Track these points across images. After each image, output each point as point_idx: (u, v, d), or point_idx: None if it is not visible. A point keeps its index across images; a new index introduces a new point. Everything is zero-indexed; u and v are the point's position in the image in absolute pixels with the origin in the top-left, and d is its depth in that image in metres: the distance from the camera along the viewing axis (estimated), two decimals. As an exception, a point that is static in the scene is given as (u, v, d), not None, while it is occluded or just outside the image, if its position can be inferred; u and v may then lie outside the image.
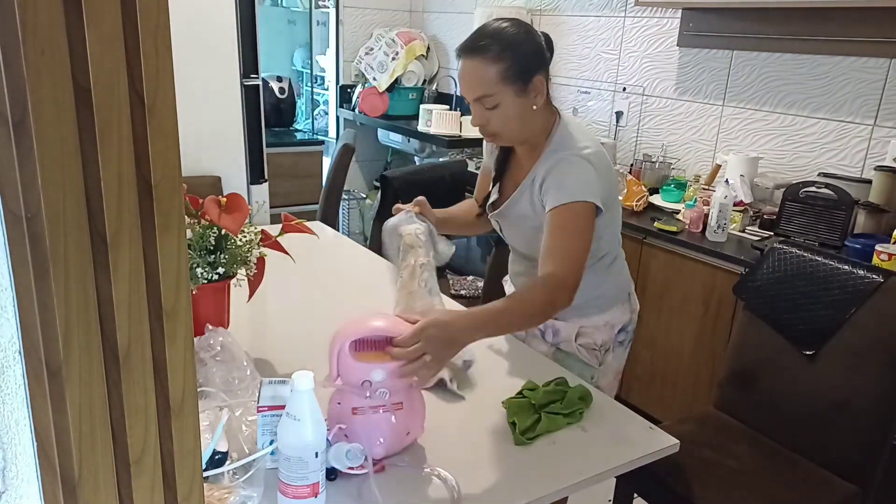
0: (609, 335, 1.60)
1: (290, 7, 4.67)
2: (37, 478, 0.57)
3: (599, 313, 1.58)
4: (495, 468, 1.14)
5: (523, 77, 1.38)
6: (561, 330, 1.60)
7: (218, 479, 1.03)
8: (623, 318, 1.61)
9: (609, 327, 1.60)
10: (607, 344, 1.60)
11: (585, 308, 1.54)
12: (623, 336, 1.63)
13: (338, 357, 1.09)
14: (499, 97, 1.38)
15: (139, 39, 0.49)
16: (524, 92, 1.39)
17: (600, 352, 1.60)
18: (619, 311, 1.61)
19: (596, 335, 1.59)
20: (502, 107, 1.39)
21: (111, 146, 0.50)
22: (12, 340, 0.53)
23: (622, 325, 1.62)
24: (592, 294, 1.51)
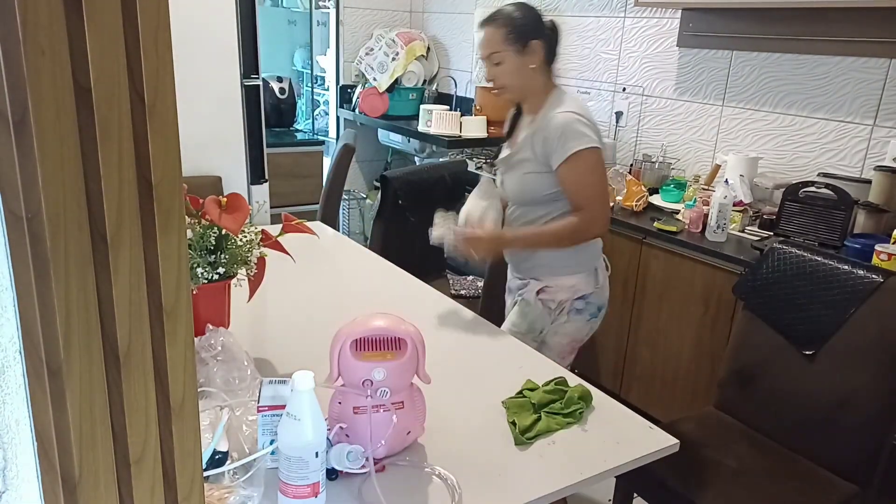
0: (568, 297, 1.85)
1: (291, 7, 4.68)
2: (37, 478, 0.57)
3: (566, 276, 1.84)
4: (495, 468, 1.14)
5: (521, 40, 1.76)
6: (530, 284, 1.87)
7: (218, 478, 1.03)
8: (586, 287, 1.85)
9: (571, 290, 1.84)
10: (564, 305, 1.85)
11: (554, 268, 1.84)
12: (581, 304, 1.86)
13: (338, 356, 1.09)
14: (502, 55, 1.77)
15: (139, 39, 0.49)
16: (523, 52, 1.77)
17: (556, 311, 1.86)
18: (584, 279, 1.84)
19: (556, 294, 1.85)
20: (505, 63, 1.78)
21: (111, 146, 0.50)
22: (12, 340, 0.53)
23: (584, 293, 1.85)
24: (561, 259, 1.82)
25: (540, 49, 1.78)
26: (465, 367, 1.49)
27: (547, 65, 1.82)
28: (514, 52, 1.76)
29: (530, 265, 1.88)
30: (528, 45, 1.77)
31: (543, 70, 1.81)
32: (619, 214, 2.69)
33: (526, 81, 1.80)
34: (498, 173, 1.95)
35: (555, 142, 1.71)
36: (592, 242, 1.85)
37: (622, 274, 2.68)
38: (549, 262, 1.83)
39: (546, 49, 1.80)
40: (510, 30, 1.76)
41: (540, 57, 1.79)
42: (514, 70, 1.78)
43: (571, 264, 1.83)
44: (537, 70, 1.79)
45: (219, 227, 1.35)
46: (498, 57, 1.77)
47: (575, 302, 1.85)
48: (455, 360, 1.51)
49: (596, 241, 1.87)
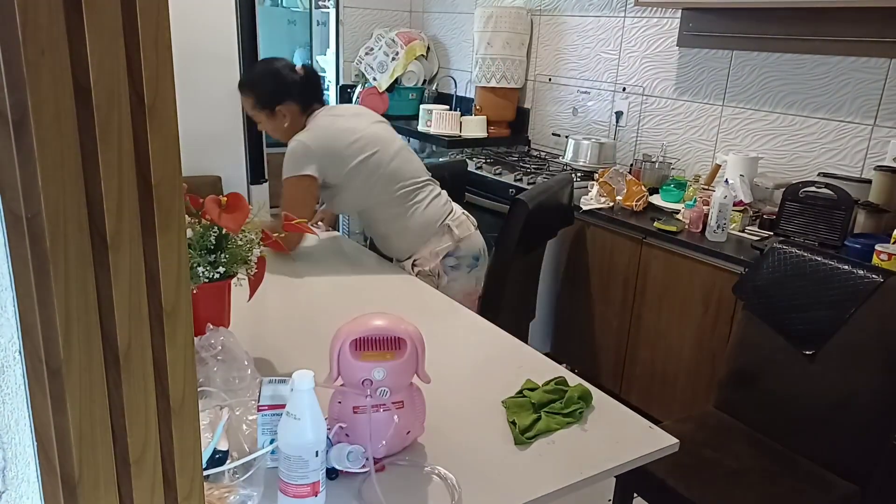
0: (434, 262, 2.08)
1: (291, 7, 4.68)
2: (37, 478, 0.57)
3: (422, 246, 2.08)
4: (495, 468, 1.14)
5: (269, 106, 2.04)
6: (404, 266, 2.11)
7: (218, 478, 1.03)
8: (444, 245, 2.08)
9: (433, 255, 2.08)
10: (436, 269, 2.09)
11: (410, 248, 2.09)
12: (453, 261, 2.10)
13: (338, 356, 1.09)
14: (257, 117, 2.07)
15: (139, 39, 0.49)
16: (273, 116, 2.05)
17: (434, 276, 2.09)
18: (438, 240, 2.08)
19: (424, 264, 2.08)
20: (263, 123, 2.09)
21: (111, 146, 0.50)
22: (12, 340, 0.53)
23: (447, 251, 2.08)
24: (406, 236, 2.07)
25: (288, 111, 2.04)
26: (464, 366, 1.49)
27: (303, 112, 2.06)
28: (266, 116, 2.05)
29: (394, 250, 2.15)
30: (275, 111, 2.04)
31: (299, 118, 2.05)
32: (619, 214, 2.69)
33: (286, 131, 2.05)
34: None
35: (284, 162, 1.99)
36: (420, 210, 2.07)
37: (622, 274, 2.68)
38: (398, 243, 2.11)
39: (298, 102, 2.04)
40: (254, 99, 2.04)
41: (291, 116, 2.04)
42: (272, 128, 2.08)
43: (413, 238, 2.08)
44: (293, 123, 2.04)
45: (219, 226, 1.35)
46: (256, 118, 2.08)
47: (444, 261, 2.09)
48: (455, 360, 1.51)
49: (427, 206, 2.08)
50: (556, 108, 3.65)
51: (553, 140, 3.68)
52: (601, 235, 2.74)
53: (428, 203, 2.09)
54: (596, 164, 3.17)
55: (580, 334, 2.91)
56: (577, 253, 2.86)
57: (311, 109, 2.07)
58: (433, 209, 2.09)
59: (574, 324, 2.94)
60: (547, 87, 3.69)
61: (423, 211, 2.08)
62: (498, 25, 3.59)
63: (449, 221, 2.10)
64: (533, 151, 3.72)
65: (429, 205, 2.09)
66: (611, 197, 2.79)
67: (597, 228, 2.76)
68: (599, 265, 2.77)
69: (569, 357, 2.99)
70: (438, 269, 2.09)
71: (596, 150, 3.19)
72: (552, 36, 3.61)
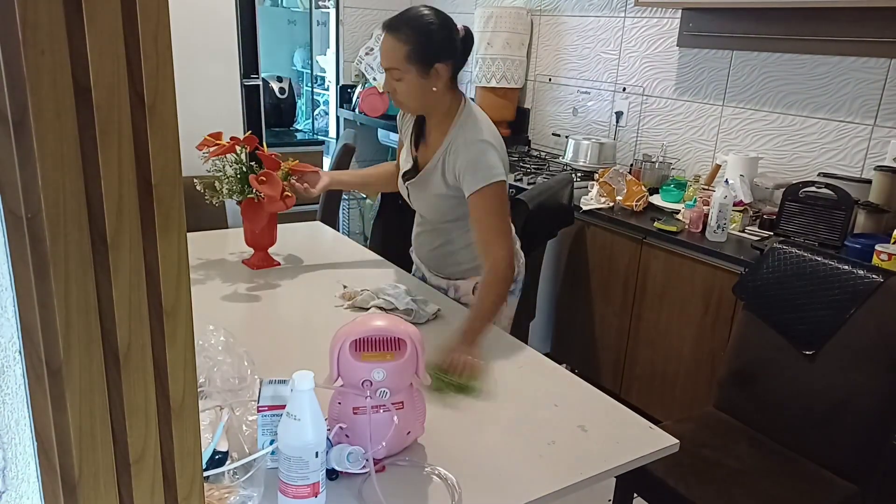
0: None
1: (291, 7, 4.68)
2: (37, 478, 0.57)
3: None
4: (495, 468, 1.14)
5: (426, 62, 1.63)
6: (461, 286, 1.88)
7: (218, 478, 1.03)
8: (515, 271, 1.85)
9: None
10: None
11: (479, 268, 1.76)
12: (513, 286, 1.86)
13: (338, 357, 1.09)
14: (403, 73, 1.65)
15: (139, 39, 0.49)
16: (426, 74, 1.65)
17: None
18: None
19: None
20: (405, 81, 1.66)
21: (111, 146, 0.50)
22: (12, 340, 0.53)
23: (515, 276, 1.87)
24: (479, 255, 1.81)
25: (445, 72, 1.66)
26: (465, 367, 1.49)
27: (453, 82, 1.72)
28: (416, 72, 1.64)
29: (455, 268, 1.88)
30: (432, 69, 1.64)
31: (448, 90, 1.71)
32: (619, 214, 2.69)
33: (427, 102, 1.71)
34: (403, 188, 1.89)
35: (468, 172, 1.65)
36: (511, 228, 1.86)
37: (622, 274, 2.68)
38: (473, 262, 1.81)
39: (453, 69, 1.69)
40: (414, 48, 1.62)
41: (444, 80, 1.67)
42: (414, 91, 1.67)
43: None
44: (440, 91, 1.68)
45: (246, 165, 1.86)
46: (398, 74, 1.65)
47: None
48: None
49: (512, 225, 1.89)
50: (556, 108, 3.65)
51: (553, 140, 3.68)
52: (601, 235, 2.74)
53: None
54: (596, 165, 3.17)
55: (580, 334, 2.91)
56: (577, 253, 2.86)
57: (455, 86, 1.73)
58: (513, 233, 1.87)
59: (574, 324, 2.94)
60: (547, 87, 3.69)
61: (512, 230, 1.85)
62: (498, 25, 3.59)
63: (517, 246, 1.91)
64: (533, 151, 3.72)
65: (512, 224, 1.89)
66: (611, 197, 2.79)
67: (597, 228, 2.76)
68: (599, 265, 2.77)
69: (569, 357, 2.99)
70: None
71: (596, 150, 3.19)
72: (552, 36, 3.61)
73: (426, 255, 1.94)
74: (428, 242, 1.92)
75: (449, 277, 1.91)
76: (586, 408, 1.34)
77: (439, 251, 1.89)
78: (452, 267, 1.89)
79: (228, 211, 2.60)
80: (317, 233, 2.40)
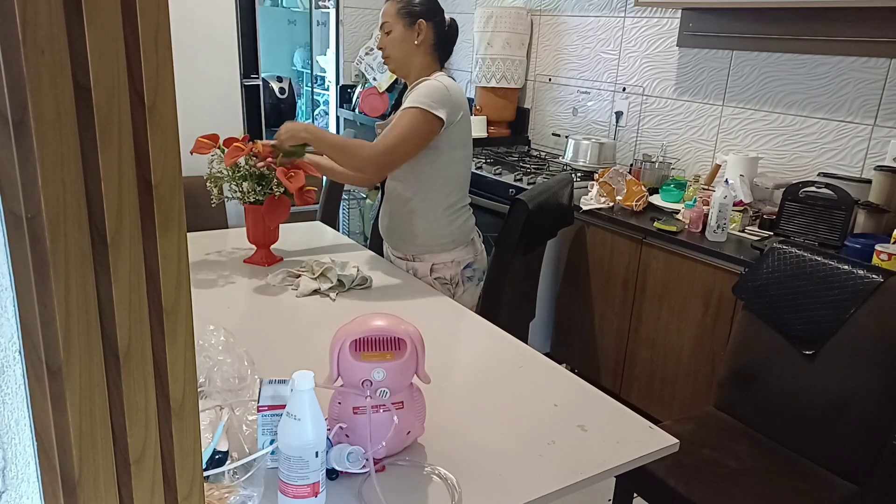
0: (456, 271, 2.06)
1: (291, 7, 4.68)
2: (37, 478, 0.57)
3: (446, 252, 2.04)
4: (495, 468, 1.14)
5: (411, 17, 1.97)
6: (418, 269, 2.05)
7: (218, 478, 1.03)
8: (467, 256, 2.07)
9: (455, 264, 2.05)
10: (456, 278, 2.06)
11: (435, 247, 2.03)
12: (470, 272, 2.09)
13: (338, 357, 1.09)
14: (392, 25, 1.98)
15: (139, 39, 0.49)
16: (411, 28, 1.97)
17: (451, 285, 2.06)
18: (464, 251, 2.06)
19: (445, 271, 2.05)
20: (393, 33, 1.98)
21: (111, 146, 0.50)
22: (12, 340, 0.53)
23: (467, 262, 2.07)
24: (441, 234, 2.02)
25: (426, 30, 1.97)
26: (465, 366, 1.49)
27: (434, 50, 2.00)
28: (403, 25, 1.97)
29: (411, 244, 2.06)
30: (416, 23, 1.97)
31: (428, 52, 1.99)
32: (619, 214, 2.69)
33: (408, 55, 1.99)
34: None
35: (409, 97, 1.91)
36: (464, 219, 2.05)
37: (622, 274, 2.68)
38: (429, 241, 2.03)
39: (434, 33, 1.98)
40: (403, 5, 1.98)
41: (425, 36, 1.97)
42: (399, 41, 1.98)
43: (449, 241, 2.03)
44: (421, 48, 1.98)
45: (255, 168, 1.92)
46: (388, 27, 1.99)
47: (464, 272, 2.07)
48: (455, 360, 1.51)
49: (468, 218, 2.07)
50: (556, 108, 3.65)
51: (553, 140, 3.68)
52: (601, 235, 2.74)
53: (469, 217, 2.09)
54: (596, 164, 3.17)
55: (580, 334, 2.91)
56: (577, 253, 2.86)
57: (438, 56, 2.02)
58: (471, 224, 2.10)
59: (574, 324, 2.94)
60: (547, 87, 3.69)
61: (465, 221, 2.07)
62: (498, 25, 3.59)
63: (474, 236, 2.12)
64: (533, 151, 3.72)
65: (469, 218, 2.09)
66: (611, 197, 2.79)
67: (597, 228, 2.76)
68: (599, 265, 2.77)
69: (569, 357, 2.99)
70: (458, 279, 2.07)
71: (596, 150, 3.19)
72: (552, 36, 3.61)
73: (387, 227, 2.13)
74: (388, 212, 2.11)
75: (406, 257, 2.08)
76: (586, 408, 1.34)
77: (398, 220, 2.07)
78: (410, 240, 2.05)
79: (229, 211, 2.60)
80: (317, 233, 2.40)
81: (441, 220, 2.01)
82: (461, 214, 2.05)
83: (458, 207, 2.04)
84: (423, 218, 2.01)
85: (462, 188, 2.06)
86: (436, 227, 2.02)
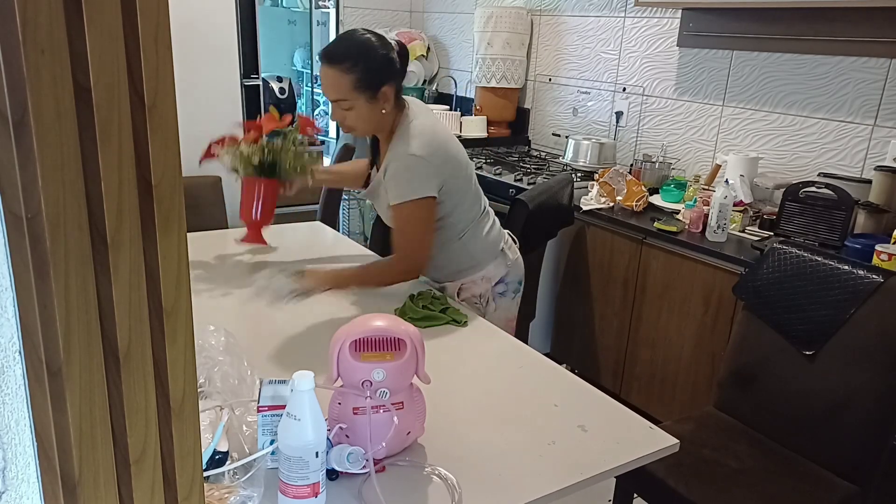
0: (486, 287, 1.91)
1: (291, 7, 4.68)
2: (37, 478, 0.57)
3: (475, 272, 1.89)
4: (495, 468, 1.14)
5: (372, 87, 1.67)
6: (447, 287, 1.90)
7: (218, 478, 1.03)
8: (498, 271, 1.92)
9: (486, 280, 1.91)
10: (486, 295, 1.92)
11: (462, 272, 1.89)
12: (502, 288, 1.94)
13: (338, 357, 1.09)
14: (352, 102, 1.67)
15: (139, 39, 0.49)
16: (374, 99, 1.68)
17: (481, 303, 1.92)
18: (494, 266, 1.91)
19: (474, 288, 1.91)
20: (356, 109, 1.69)
21: (111, 146, 0.50)
22: (12, 340, 0.53)
23: (499, 277, 1.92)
24: (462, 260, 1.88)
25: (391, 92, 1.70)
26: (464, 366, 1.49)
27: (397, 100, 1.75)
28: (365, 99, 1.67)
29: (442, 272, 1.90)
30: (378, 92, 1.68)
31: (394, 108, 1.74)
32: (619, 214, 2.69)
33: (377, 124, 1.75)
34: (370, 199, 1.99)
35: (391, 185, 1.71)
36: (484, 232, 1.89)
37: (622, 274, 2.68)
38: (453, 264, 1.87)
39: (396, 86, 1.72)
40: (359, 77, 1.64)
41: (391, 101, 1.71)
42: (365, 116, 1.70)
43: (474, 261, 1.89)
44: (388, 112, 1.73)
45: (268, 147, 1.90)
46: (347, 104, 1.68)
47: (495, 288, 1.93)
48: (455, 360, 1.51)
49: (490, 228, 1.91)
50: (556, 108, 3.65)
51: (553, 140, 3.68)
52: (601, 235, 2.74)
53: (491, 226, 1.92)
54: (596, 165, 3.17)
55: (580, 334, 2.91)
56: (577, 253, 2.86)
57: (400, 101, 1.78)
58: (495, 233, 1.92)
59: (574, 324, 2.94)
60: (547, 87, 3.69)
61: (487, 233, 1.90)
62: (498, 25, 3.59)
63: (503, 245, 1.94)
64: (533, 151, 3.72)
65: (491, 228, 1.92)
66: (611, 197, 2.79)
67: (597, 228, 2.76)
68: (599, 265, 2.77)
69: (569, 357, 2.99)
70: (489, 296, 1.92)
71: (596, 150, 3.19)
72: (552, 36, 3.61)
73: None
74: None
75: (441, 281, 1.93)
76: (586, 408, 1.34)
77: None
78: (436, 271, 1.91)
79: (229, 211, 2.60)
80: (317, 233, 2.40)
81: (459, 246, 1.86)
82: (478, 229, 1.88)
83: (473, 224, 1.87)
84: (441, 249, 1.85)
85: (471, 205, 1.86)
86: (456, 254, 1.86)
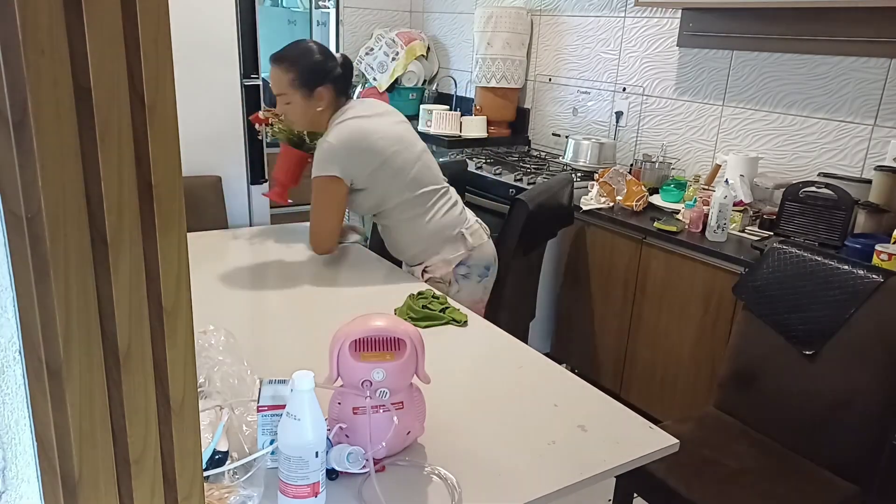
0: (447, 270, 2.03)
1: (291, 7, 4.67)
2: (37, 478, 0.57)
3: (435, 254, 2.02)
4: (495, 468, 1.14)
5: (308, 86, 1.92)
6: (414, 272, 2.07)
7: (218, 478, 1.03)
8: (457, 254, 2.02)
9: (446, 263, 2.02)
10: (447, 277, 2.04)
11: (422, 254, 2.03)
12: (464, 270, 2.04)
13: (338, 357, 1.09)
14: (290, 97, 1.93)
15: (139, 39, 0.49)
16: (310, 97, 1.93)
17: (444, 284, 2.03)
18: (452, 248, 2.02)
19: (436, 270, 2.03)
20: (293, 104, 1.94)
21: (111, 146, 0.50)
22: (12, 340, 0.53)
23: (459, 260, 2.03)
24: (414, 243, 2.03)
25: (327, 93, 1.94)
26: (465, 366, 1.49)
27: (338, 97, 1.97)
28: (301, 96, 1.92)
29: (403, 255, 2.10)
30: (315, 92, 1.92)
31: (332, 103, 1.96)
32: (619, 214, 2.69)
33: (314, 118, 1.97)
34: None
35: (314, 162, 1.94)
36: (435, 217, 2.01)
37: (622, 274, 2.68)
38: (411, 248, 2.05)
39: (334, 88, 1.95)
40: (296, 76, 1.90)
41: (327, 101, 1.95)
42: (301, 112, 1.95)
43: (426, 244, 2.02)
44: (325, 110, 1.96)
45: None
46: (286, 99, 1.93)
47: (456, 269, 2.04)
48: (455, 360, 1.51)
49: (445, 213, 2.02)
50: (556, 108, 3.65)
51: (553, 140, 3.68)
52: (601, 235, 2.74)
53: (446, 210, 2.04)
54: (596, 164, 3.17)
55: (580, 334, 2.91)
56: (577, 253, 2.86)
57: (340, 102, 1.99)
58: (450, 217, 2.04)
59: (574, 324, 2.94)
60: (547, 87, 3.69)
61: (440, 218, 2.02)
62: (498, 25, 3.59)
63: (463, 230, 2.04)
64: (533, 151, 3.72)
65: (446, 212, 2.03)
66: (611, 197, 2.79)
67: (597, 228, 2.76)
68: (599, 265, 2.77)
69: (569, 357, 2.99)
70: (450, 277, 2.04)
71: (596, 150, 3.19)
72: (552, 36, 3.61)
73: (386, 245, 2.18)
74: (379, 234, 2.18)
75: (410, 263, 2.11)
76: (586, 408, 1.34)
77: (388, 239, 2.12)
78: (402, 252, 2.09)
79: (229, 211, 2.60)
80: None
81: (415, 228, 2.01)
82: (431, 215, 2.01)
83: (425, 210, 2.00)
84: (402, 232, 2.04)
85: (406, 192, 1.98)
86: (414, 235, 2.02)
